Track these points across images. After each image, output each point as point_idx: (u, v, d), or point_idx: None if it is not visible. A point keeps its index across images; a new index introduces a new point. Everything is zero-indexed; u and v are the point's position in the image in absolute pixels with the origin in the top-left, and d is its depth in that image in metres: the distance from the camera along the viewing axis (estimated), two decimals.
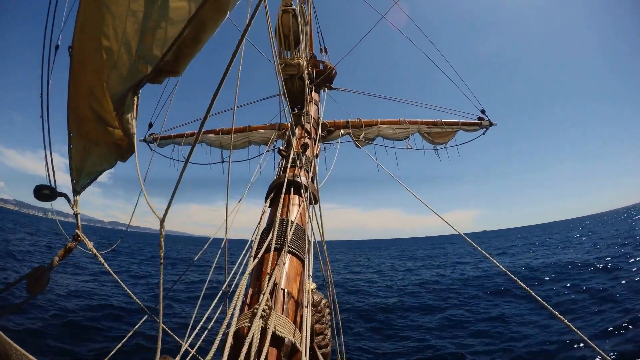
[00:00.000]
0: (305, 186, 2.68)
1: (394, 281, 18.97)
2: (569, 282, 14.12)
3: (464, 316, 10.82)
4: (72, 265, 17.24)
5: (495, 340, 8.55)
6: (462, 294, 14.29)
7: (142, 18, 1.22)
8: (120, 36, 1.20)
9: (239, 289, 1.62)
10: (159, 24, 1.25)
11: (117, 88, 1.25)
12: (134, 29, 1.22)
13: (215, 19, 1.32)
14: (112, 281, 11.94)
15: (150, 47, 1.25)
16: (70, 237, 1.38)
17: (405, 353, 8.10)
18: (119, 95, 1.27)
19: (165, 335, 2.79)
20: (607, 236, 35.50)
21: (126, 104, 1.32)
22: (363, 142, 6.01)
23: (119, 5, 1.17)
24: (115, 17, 1.17)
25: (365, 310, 12.09)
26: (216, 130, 6.71)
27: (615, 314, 9.40)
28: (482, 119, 6.43)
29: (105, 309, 10.45)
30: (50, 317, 9.00)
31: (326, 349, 2.99)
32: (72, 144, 1.29)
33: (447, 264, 27.41)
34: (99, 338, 8.29)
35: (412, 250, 59.14)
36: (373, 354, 8.07)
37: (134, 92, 1.33)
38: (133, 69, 1.26)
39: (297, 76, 3.83)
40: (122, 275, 17.13)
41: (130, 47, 1.23)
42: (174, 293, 12.82)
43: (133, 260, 22.71)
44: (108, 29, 1.17)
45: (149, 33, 1.24)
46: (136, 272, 19.11)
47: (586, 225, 79.66)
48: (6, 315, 6.76)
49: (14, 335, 6.87)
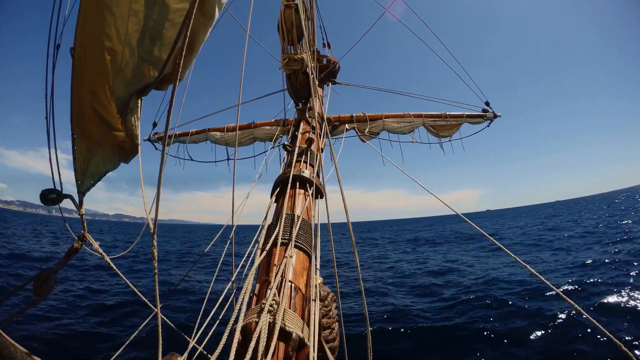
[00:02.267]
0: (311, 180, 2.67)
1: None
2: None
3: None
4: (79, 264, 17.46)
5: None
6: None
7: (142, 18, 1.21)
8: (123, 37, 1.19)
9: (246, 284, 1.63)
10: (161, 25, 1.24)
11: (121, 92, 1.25)
12: (136, 29, 1.21)
13: (204, 24, 1.33)
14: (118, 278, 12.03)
15: (152, 49, 1.25)
16: (76, 236, 1.38)
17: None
18: (123, 99, 1.27)
19: (173, 332, 2.82)
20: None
21: (130, 107, 1.32)
22: (368, 137, 6.00)
23: (121, 5, 1.16)
24: (117, 17, 1.16)
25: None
26: (221, 128, 6.74)
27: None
28: (486, 111, 6.39)
29: (112, 307, 10.57)
30: (55, 317, 9.10)
31: (334, 343, 3.00)
32: (75, 145, 1.29)
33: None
34: (105, 336, 8.38)
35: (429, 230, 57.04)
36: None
37: (138, 96, 1.33)
38: (137, 72, 1.25)
39: (301, 71, 3.82)
40: (128, 270, 17.25)
41: (133, 49, 1.22)
42: (181, 287, 12.92)
43: (137, 258, 22.85)
44: (110, 30, 1.17)
45: (149, 34, 1.24)
46: (140, 268, 19.17)
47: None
48: (15, 319, 6.92)
49: (18, 337, 7.03)
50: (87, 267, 17.27)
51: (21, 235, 31.11)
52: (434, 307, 10.24)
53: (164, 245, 35.53)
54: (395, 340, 8.06)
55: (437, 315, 9.44)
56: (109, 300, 11.42)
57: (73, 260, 1.55)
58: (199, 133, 6.87)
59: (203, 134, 6.82)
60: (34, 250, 21.47)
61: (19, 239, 27.92)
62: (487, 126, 6.53)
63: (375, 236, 50.26)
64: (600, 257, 14.58)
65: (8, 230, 35.35)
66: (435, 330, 8.34)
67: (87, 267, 17.27)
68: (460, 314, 9.38)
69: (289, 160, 3.00)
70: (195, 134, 6.89)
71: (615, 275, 11.52)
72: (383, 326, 8.78)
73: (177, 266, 20.83)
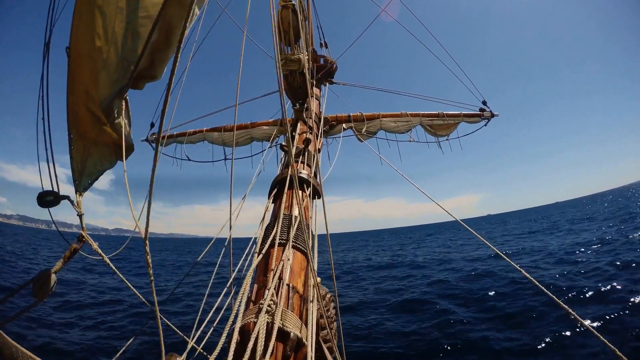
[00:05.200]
0: (308, 181, 2.67)
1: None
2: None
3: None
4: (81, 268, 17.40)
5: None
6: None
7: (125, 16, 1.21)
8: (110, 36, 1.19)
9: (244, 284, 1.63)
10: (139, 23, 1.24)
11: (106, 91, 1.24)
12: (121, 27, 1.21)
13: (180, 16, 1.31)
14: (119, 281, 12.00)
15: (133, 47, 1.24)
16: (74, 241, 1.36)
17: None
18: (108, 99, 1.26)
19: (172, 332, 2.81)
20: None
21: (114, 108, 1.31)
22: (365, 136, 6.00)
23: (109, 4, 1.17)
24: (106, 16, 1.17)
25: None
26: (218, 128, 6.72)
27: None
28: (483, 110, 6.39)
29: (112, 309, 10.55)
30: (55, 319, 9.07)
31: (331, 342, 3.00)
32: (72, 145, 1.29)
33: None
34: (106, 338, 8.36)
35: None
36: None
37: (120, 97, 1.32)
38: (120, 71, 1.25)
39: (298, 71, 3.82)
40: (128, 276, 17.22)
41: (117, 48, 1.22)
42: (180, 290, 12.90)
43: (136, 264, 22.69)
44: (100, 29, 1.17)
45: (131, 32, 1.24)
46: (140, 272, 19.13)
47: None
48: (14, 321, 6.85)
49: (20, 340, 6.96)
50: (86, 267, 17.23)
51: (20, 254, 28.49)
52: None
53: (164, 256, 35.29)
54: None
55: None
56: (109, 300, 11.40)
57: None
58: (196, 133, 6.85)
59: (200, 134, 6.80)
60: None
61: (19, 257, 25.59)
62: (484, 125, 6.53)
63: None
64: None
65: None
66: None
67: (86, 267, 17.23)
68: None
69: (287, 160, 2.99)
70: (193, 134, 6.86)
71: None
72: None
73: (175, 273, 20.85)
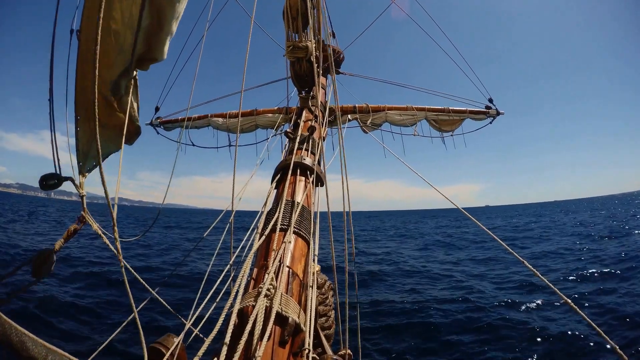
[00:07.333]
0: (312, 168, 2.67)
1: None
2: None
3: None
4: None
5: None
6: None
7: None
8: (127, 20, 1.19)
9: (244, 268, 1.63)
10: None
11: (116, 71, 1.25)
12: (137, 10, 1.21)
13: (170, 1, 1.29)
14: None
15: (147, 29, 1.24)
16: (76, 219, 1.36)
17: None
18: (116, 79, 1.27)
19: (169, 314, 2.83)
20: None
21: (122, 87, 1.31)
22: (370, 128, 5.98)
23: None
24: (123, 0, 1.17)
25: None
26: (223, 114, 6.70)
27: None
28: (489, 108, 6.35)
29: (107, 290, 10.59)
30: (48, 299, 9.09)
31: (329, 330, 3.04)
32: (79, 127, 1.29)
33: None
34: (100, 316, 8.42)
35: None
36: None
37: (127, 77, 1.32)
38: (134, 52, 1.25)
39: (305, 59, 3.79)
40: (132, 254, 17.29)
41: (134, 30, 1.22)
42: (179, 271, 12.98)
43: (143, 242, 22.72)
44: (116, 13, 1.17)
45: (148, 13, 1.23)
46: (145, 252, 19.18)
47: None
48: (13, 299, 6.85)
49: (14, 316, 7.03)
50: (85, 245, 17.38)
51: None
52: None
53: (164, 228, 35.38)
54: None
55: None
56: (105, 280, 11.48)
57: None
58: (201, 118, 6.84)
59: (205, 119, 6.79)
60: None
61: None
62: (489, 123, 6.49)
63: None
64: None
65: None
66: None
67: (85, 245, 17.38)
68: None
69: (291, 147, 2.99)
70: (198, 120, 6.86)
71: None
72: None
73: (175, 250, 20.88)
